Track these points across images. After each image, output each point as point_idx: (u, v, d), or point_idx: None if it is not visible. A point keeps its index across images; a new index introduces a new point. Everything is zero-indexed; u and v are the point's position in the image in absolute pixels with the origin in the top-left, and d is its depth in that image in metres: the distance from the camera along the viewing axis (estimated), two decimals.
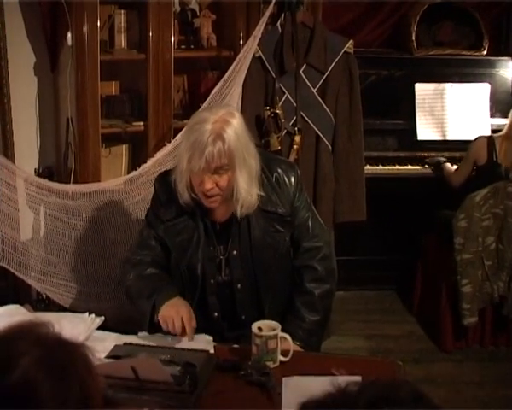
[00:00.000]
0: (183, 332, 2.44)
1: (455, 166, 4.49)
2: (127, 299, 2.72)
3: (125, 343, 2.40)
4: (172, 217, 2.62)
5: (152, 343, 2.42)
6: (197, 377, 2.15)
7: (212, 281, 2.64)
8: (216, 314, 2.67)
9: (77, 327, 2.42)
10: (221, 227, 2.62)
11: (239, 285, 2.64)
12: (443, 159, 4.60)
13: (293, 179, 2.64)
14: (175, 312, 2.45)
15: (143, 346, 2.38)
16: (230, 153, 2.40)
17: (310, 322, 2.62)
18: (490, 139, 4.28)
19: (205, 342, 2.46)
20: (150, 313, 2.53)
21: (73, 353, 1.20)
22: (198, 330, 2.63)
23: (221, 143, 2.38)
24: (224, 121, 2.41)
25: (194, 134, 2.40)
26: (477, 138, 4.33)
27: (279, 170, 2.63)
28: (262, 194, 2.55)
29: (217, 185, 2.44)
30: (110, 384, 2.04)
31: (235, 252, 2.61)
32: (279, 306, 2.68)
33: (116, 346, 2.36)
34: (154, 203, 2.72)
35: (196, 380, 2.15)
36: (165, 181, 2.64)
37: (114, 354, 2.27)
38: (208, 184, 2.42)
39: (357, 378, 2.15)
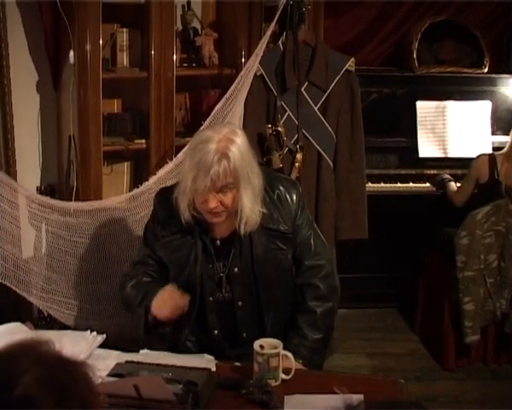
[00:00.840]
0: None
1: (458, 184, 4.49)
2: (126, 311, 2.74)
3: (126, 361, 2.39)
4: (169, 233, 2.62)
5: (153, 361, 2.41)
6: (199, 395, 2.15)
7: (210, 298, 2.63)
8: (216, 332, 2.67)
9: (78, 345, 2.42)
10: (221, 244, 2.61)
11: (240, 303, 2.63)
12: (447, 177, 4.60)
13: (294, 197, 2.64)
14: (163, 293, 2.50)
15: (145, 364, 2.37)
16: (235, 171, 2.40)
17: (312, 340, 2.62)
18: (491, 157, 4.28)
19: (206, 361, 2.45)
20: (144, 316, 2.54)
21: (74, 371, 1.20)
22: (199, 348, 2.63)
23: (226, 162, 2.38)
24: (228, 140, 2.41)
25: (198, 154, 2.39)
26: (478, 156, 4.34)
27: (281, 187, 2.63)
28: (264, 211, 2.55)
29: (221, 203, 2.44)
30: (112, 403, 2.05)
31: (236, 269, 2.60)
32: (281, 323, 2.68)
33: (118, 364, 2.35)
34: (152, 220, 2.72)
35: (198, 399, 2.14)
36: (165, 198, 2.64)
37: (116, 372, 2.26)
38: (213, 203, 2.42)
39: (360, 397, 2.15)
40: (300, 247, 2.67)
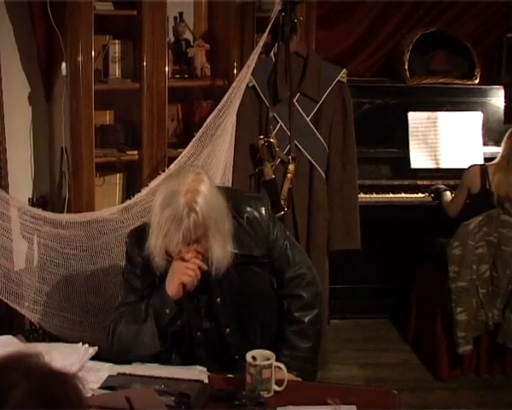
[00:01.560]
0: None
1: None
2: (122, 352, 2.58)
3: (118, 373, 2.38)
4: (150, 280, 2.57)
5: (146, 373, 2.41)
6: (191, 407, 2.14)
7: (198, 333, 2.62)
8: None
9: (70, 357, 2.41)
10: (201, 279, 2.54)
11: (228, 330, 2.63)
12: (442, 187, 4.61)
13: (264, 212, 2.63)
14: (174, 267, 2.45)
15: (137, 376, 2.36)
16: (204, 223, 2.36)
17: (303, 350, 2.62)
18: (483, 168, 4.30)
19: (199, 372, 2.45)
20: (155, 326, 2.49)
21: (64, 383, 1.19)
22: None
23: (195, 216, 2.34)
24: (194, 191, 2.37)
25: (167, 209, 2.35)
26: (470, 167, 4.35)
27: (248, 209, 2.61)
28: (236, 251, 2.50)
29: (196, 252, 2.43)
30: None
31: (218, 299, 2.59)
32: (269, 338, 2.69)
33: (110, 376, 2.34)
34: (130, 264, 2.64)
35: None
36: (138, 242, 2.56)
37: (108, 385, 2.26)
38: (188, 255, 2.42)
39: (353, 408, 2.15)
40: (278, 261, 2.66)
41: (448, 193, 4.55)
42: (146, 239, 2.46)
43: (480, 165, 4.36)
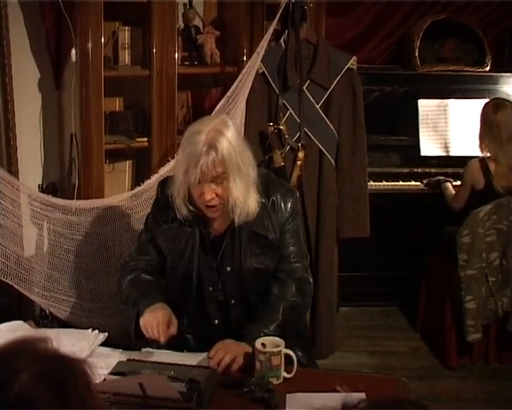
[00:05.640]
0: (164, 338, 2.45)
1: (458, 182, 4.48)
2: (123, 305, 2.75)
3: (128, 359, 2.39)
4: (169, 220, 2.63)
5: (156, 359, 2.42)
6: (202, 393, 2.15)
7: (210, 288, 2.65)
8: (216, 321, 2.67)
9: (80, 343, 2.42)
10: (215, 240, 2.62)
11: (233, 301, 2.65)
12: (442, 178, 4.57)
13: (289, 205, 2.63)
14: (153, 317, 2.46)
15: (147, 362, 2.37)
16: (224, 162, 2.41)
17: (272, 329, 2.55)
18: (482, 162, 4.24)
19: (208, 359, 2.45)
20: (135, 320, 2.53)
21: (72, 368, 1.19)
22: (198, 340, 2.64)
23: (214, 153, 2.39)
24: (217, 131, 2.42)
25: (188, 147, 2.43)
26: (470, 162, 4.29)
27: (278, 195, 2.63)
28: (262, 200, 2.56)
29: (217, 195, 2.46)
30: (117, 401, 2.05)
31: (228, 268, 2.62)
32: None
33: (120, 362, 2.35)
34: (154, 207, 2.75)
35: (201, 397, 2.14)
36: (166, 186, 2.65)
37: (118, 371, 2.26)
38: (208, 195, 2.44)
39: (361, 395, 2.15)
40: (279, 251, 2.66)
41: (449, 185, 4.49)
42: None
43: (480, 159, 4.28)
